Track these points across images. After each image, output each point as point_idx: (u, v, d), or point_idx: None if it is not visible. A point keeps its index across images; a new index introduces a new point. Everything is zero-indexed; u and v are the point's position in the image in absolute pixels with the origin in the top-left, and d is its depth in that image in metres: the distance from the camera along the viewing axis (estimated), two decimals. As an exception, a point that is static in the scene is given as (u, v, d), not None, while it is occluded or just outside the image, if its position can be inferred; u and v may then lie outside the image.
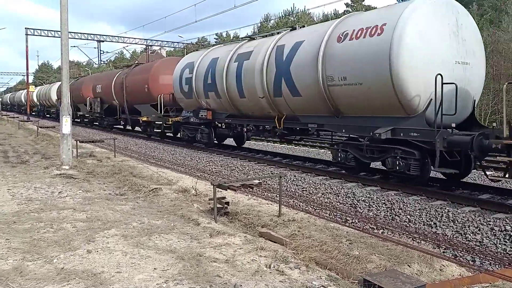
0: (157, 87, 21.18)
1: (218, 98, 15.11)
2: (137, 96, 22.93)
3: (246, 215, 6.81)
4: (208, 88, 15.59)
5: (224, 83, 14.46)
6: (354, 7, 52.09)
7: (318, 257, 4.89)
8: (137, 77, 23.35)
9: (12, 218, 6.24)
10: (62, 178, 9.73)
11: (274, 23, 53.51)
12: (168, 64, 21.48)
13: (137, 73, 23.90)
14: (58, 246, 5.01)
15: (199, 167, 13.99)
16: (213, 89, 15.20)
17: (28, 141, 19.39)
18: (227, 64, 14.41)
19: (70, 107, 11.94)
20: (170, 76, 19.59)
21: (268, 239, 5.61)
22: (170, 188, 8.78)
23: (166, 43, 50.93)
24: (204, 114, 16.31)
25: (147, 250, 4.89)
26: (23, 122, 35.11)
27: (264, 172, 12.28)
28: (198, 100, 16.43)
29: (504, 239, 6.50)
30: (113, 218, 6.29)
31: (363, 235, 6.26)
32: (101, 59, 49.78)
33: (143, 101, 22.34)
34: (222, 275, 4.17)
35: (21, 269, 4.29)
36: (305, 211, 8.30)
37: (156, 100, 20.71)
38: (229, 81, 14.26)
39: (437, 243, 6.74)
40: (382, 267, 4.78)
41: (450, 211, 7.54)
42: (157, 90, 21.07)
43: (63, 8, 11.68)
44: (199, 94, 16.27)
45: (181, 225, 5.99)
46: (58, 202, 7.31)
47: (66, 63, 11.93)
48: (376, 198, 8.77)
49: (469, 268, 5.57)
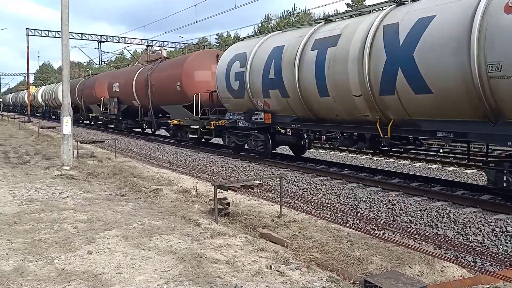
0: (192, 85, 17.66)
1: (284, 97, 12.06)
2: (166, 96, 19.46)
3: (247, 216, 6.81)
4: (269, 85, 12.49)
5: (295, 77, 11.30)
6: (355, 7, 52.14)
7: (319, 258, 4.88)
8: (166, 74, 19.73)
9: (13, 218, 6.25)
10: (63, 178, 9.73)
11: (274, 23, 53.48)
12: (204, 58, 18.37)
13: (165, 69, 20.19)
14: (59, 247, 5.00)
15: (200, 168, 13.99)
16: (277, 86, 12.13)
17: (28, 142, 19.40)
18: (300, 54, 11.19)
19: (71, 108, 11.94)
20: (206, 72, 17.53)
21: (269, 240, 5.60)
22: (170, 189, 8.78)
23: (166, 43, 50.99)
24: (260, 117, 13.34)
25: (148, 251, 4.88)
26: (24, 122, 35.12)
27: (265, 172, 12.28)
28: (253, 100, 13.37)
29: (506, 240, 6.48)
30: (114, 219, 6.28)
31: (364, 236, 6.26)
32: (102, 59, 49.86)
33: (173, 102, 18.90)
34: (222, 276, 4.16)
35: (22, 270, 4.29)
36: (306, 212, 8.30)
37: (191, 100, 17.38)
38: (304, 74, 11.09)
39: (438, 244, 6.73)
40: (383, 268, 4.77)
41: (451, 212, 7.53)
42: (192, 88, 17.56)
43: (64, 9, 11.68)
44: (255, 92, 13.19)
45: (181, 226, 5.99)
46: (58, 203, 7.31)
47: (66, 63, 11.93)
48: (377, 199, 8.76)
49: (470, 269, 5.56)
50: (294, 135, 13.20)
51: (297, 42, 11.62)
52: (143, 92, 21.90)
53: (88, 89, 31.55)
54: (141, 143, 20.96)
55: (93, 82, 31.33)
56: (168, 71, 19.63)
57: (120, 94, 25.21)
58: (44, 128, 26.07)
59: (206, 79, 17.64)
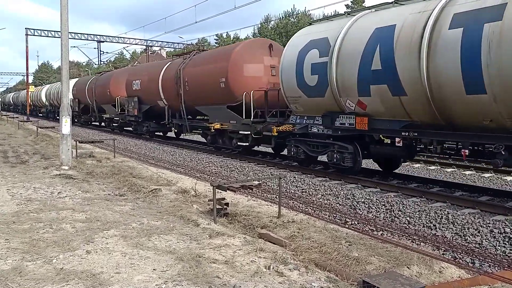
0: (241, 81, 14.44)
1: (396, 95, 9.01)
2: (204, 95, 16.30)
3: (245, 216, 6.81)
4: (370, 79, 9.45)
5: (421, 68, 8.30)
6: (355, 8, 52.17)
7: (317, 259, 4.89)
8: (205, 68, 16.32)
9: (11, 218, 6.24)
10: (62, 178, 9.73)
11: (274, 24, 53.50)
12: (255, 48, 15.09)
13: (204, 62, 16.91)
14: (58, 246, 5.00)
15: (199, 168, 13.99)
16: (385, 80, 9.12)
17: (27, 141, 19.38)
18: (429, 34, 8.22)
19: (70, 108, 11.94)
20: (258, 66, 14.62)
21: (268, 240, 5.60)
22: (169, 189, 8.78)
23: (166, 43, 51.03)
24: (349, 122, 10.28)
25: (147, 251, 4.88)
26: (23, 122, 35.09)
27: (264, 173, 12.28)
28: (339, 99, 10.34)
29: (504, 241, 6.50)
30: (113, 218, 6.28)
31: (362, 236, 6.27)
32: (101, 59, 49.89)
33: (214, 102, 15.73)
34: (221, 276, 4.17)
35: (20, 269, 4.29)
36: (305, 213, 8.31)
37: (238, 100, 14.40)
38: (438, 63, 8.10)
39: (436, 245, 6.74)
40: (382, 269, 4.78)
41: (450, 213, 7.54)
42: (240, 85, 14.39)
43: (63, 9, 11.68)
44: (345, 89, 10.15)
45: (180, 226, 5.99)
46: (57, 203, 7.31)
47: (66, 63, 11.93)
48: (375, 199, 8.77)
49: (469, 270, 5.57)
50: (404, 146, 9.85)
51: (419, 19, 8.59)
52: (172, 91, 18.71)
53: (101, 87, 28.45)
54: (140, 143, 20.94)
55: (107, 79, 27.96)
56: (208, 65, 16.20)
57: (142, 93, 21.94)
58: (43, 128, 26.04)
59: (257, 74, 14.45)
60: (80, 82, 35.41)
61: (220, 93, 15.18)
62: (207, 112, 16.81)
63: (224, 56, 15.55)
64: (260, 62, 14.67)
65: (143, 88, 21.74)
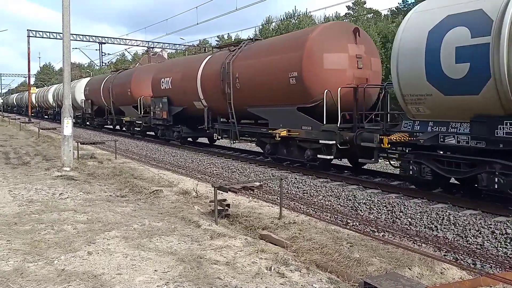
0: (320, 76, 11.20)
1: None
2: (263, 94, 13.01)
3: (247, 217, 6.81)
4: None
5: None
6: (356, 10, 52.19)
7: (318, 260, 4.89)
8: (265, 61, 12.98)
9: (13, 219, 6.26)
10: (63, 179, 9.74)
11: (275, 26, 53.54)
12: (336, 34, 11.64)
13: (263, 53, 13.43)
14: (59, 247, 5.01)
15: (200, 169, 14.00)
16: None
17: (29, 143, 19.41)
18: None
19: (71, 109, 11.96)
20: (341, 56, 11.26)
21: (269, 241, 5.61)
22: (171, 190, 8.79)
23: (167, 45, 51.14)
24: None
25: (148, 252, 4.89)
26: (24, 123, 35.16)
27: (265, 174, 12.28)
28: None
29: (505, 242, 6.49)
30: (114, 220, 6.29)
31: (363, 237, 6.26)
32: (103, 61, 50.01)
33: (278, 102, 12.51)
34: (222, 278, 4.17)
35: (21, 270, 4.30)
36: (306, 214, 8.30)
37: (316, 100, 11.23)
38: None
39: (438, 246, 6.73)
40: (383, 270, 4.77)
41: (451, 214, 7.54)
42: (319, 81, 11.15)
43: (65, 10, 11.71)
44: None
45: (181, 227, 6.00)
46: (59, 204, 7.32)
47: (68, 64, 11.96)
48: (377, 201, 8.77)
49: (470, 271, 5.56)
50: None
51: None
52: (215, 90, 15.42)
53: (119, 86, 25.13)
54: (141, 145, 20.96)
55: (127, 78, 24.60)
56: (270, 57, 12.80)
57: (173, 92, 18.75)
58: (45, 129, 26.08)
59: (341, 67, 11.22)
60: (94, 81, 32.19)
61: (288, 91, 11.89)
62: (266, 116, 13.26)
63: (295, 44, 12.02)
64: (344, 51, 11.30)
65: (174, 87, 18.58)
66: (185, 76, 17.69)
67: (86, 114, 32.31)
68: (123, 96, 24.66)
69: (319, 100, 11.07)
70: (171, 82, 18.81)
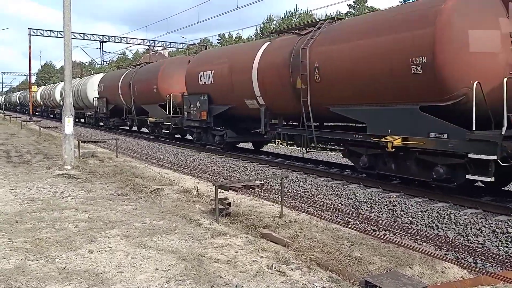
0: (464, 62, 7.97)
1: None
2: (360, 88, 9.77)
3: (247, 216, 6.82)
4: None
5: None
6: (357, 9, 52.14)
7: (319, 258, 4.89)
8: (363, 44, 9.64)
9: (14, 217, 6.26)
10: (64, 178, 9.75)
11: (276, 24, 53.51)
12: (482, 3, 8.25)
13: (357, 35, 10.02)
14: (60, 245, 5.02)
15: (201, 168, 14.00)
16: None
17: (30, 141, 19.44)
18: None
19: (72, 107, 11.97)
20: (492, 33, 8.05)
21: (270, 240, 5.61)
22: (172, 189, 8.79)
23: (168, 43, 51.08)
24: None
25: (149, 251, 4.90)
26: (26, 122, 35.18)
27: (266, 173, 12.28)
28: None
29: (506, 241, 6.48)
30: (115, 218, 6.30)
31: (364, 236, 6.27)
32: (104, 59, 50.00)
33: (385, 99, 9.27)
34: (223, 276, 4.17)
35: (23, 269, 4.31)
36: (307, 212, 8.31)
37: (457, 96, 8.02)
38: None
39: (439, 245, 6.73)
40: (384, 269, 4.78)
41: (452, 213, 7.53)
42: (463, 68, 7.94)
43: (66, 9, 11.71)
44: None
45: (182, 225, 6.00)
46: (60, 202, 7.33)
47: (69, 63, 11.96)
48: (378, 199, 8.76)
49: (471, 270, 5.56)
50: None
51: None
52: (279, 84, 12.35)
53: (143, 82, 21.87)
54: (142, 143, 20.97)
55: (152, 72, 21.30)
56: (375, 38, 9.40)
57: (215, 88, 15.55)
58: (46, 128, 26.10)
59: (492, 49, 8.05)
60: (109, 77, 28.58)
61: (407, 84, 8.67)
62: (363, 118, 9.99)
63: (420, 18, 8.59)
64: (495, 28, 8.07)
65: (218, 82, 15.33)
66: (234, 68, 14.50)
67: (100, 113, 28.92)
68: (148, 94, 21.21)
69: (461, 96, 7.92)
70: (213, 76, 15.56)
